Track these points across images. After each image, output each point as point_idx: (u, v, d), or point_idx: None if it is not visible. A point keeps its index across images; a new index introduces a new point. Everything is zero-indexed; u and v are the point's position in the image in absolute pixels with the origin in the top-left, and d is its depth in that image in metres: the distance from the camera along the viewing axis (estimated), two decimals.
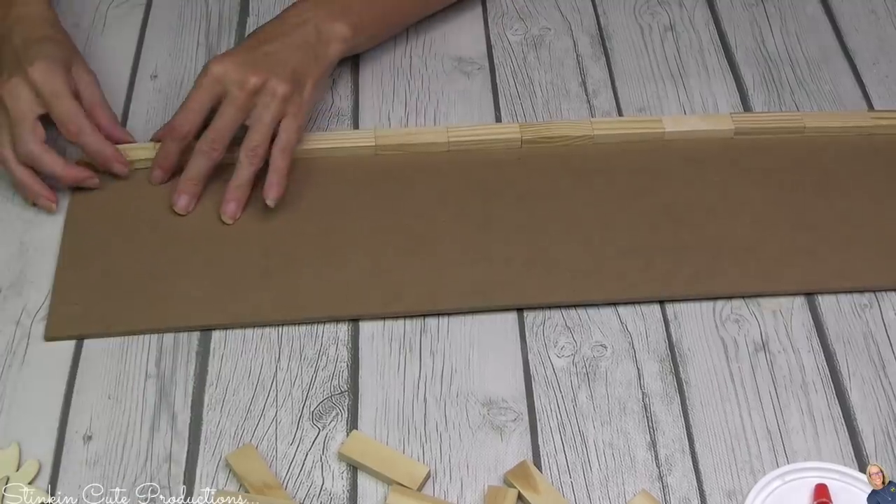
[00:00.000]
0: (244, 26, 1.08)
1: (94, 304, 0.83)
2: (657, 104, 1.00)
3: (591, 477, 0.75)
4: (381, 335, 0.83)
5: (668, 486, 0.74)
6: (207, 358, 0.81)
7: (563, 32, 1.08)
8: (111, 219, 0.89)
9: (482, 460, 0.76)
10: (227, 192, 0.88)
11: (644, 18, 1.09)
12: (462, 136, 0.94)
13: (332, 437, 0.77)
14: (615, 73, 1.03)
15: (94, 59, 1.04)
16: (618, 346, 0.82)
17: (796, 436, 0.77)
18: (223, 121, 0.88)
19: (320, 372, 0.80)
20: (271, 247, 0.87)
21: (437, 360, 0.81)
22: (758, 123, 0.96)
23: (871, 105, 1.00)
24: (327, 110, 0.99)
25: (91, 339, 0.82)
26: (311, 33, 0.93)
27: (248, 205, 0.89)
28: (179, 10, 1.09)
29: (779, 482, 0.74)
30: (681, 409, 0.78)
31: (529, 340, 0.82)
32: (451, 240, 0.88)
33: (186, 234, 0.88)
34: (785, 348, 0.82)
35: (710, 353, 0.82)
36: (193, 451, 0.76)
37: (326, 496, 0.74)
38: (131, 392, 0.79)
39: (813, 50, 1.06)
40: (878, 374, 0.81)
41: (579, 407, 0.79)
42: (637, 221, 0.89)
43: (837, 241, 0.88)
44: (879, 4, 1.11)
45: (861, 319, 0.84)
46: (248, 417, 0.78)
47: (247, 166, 0.88)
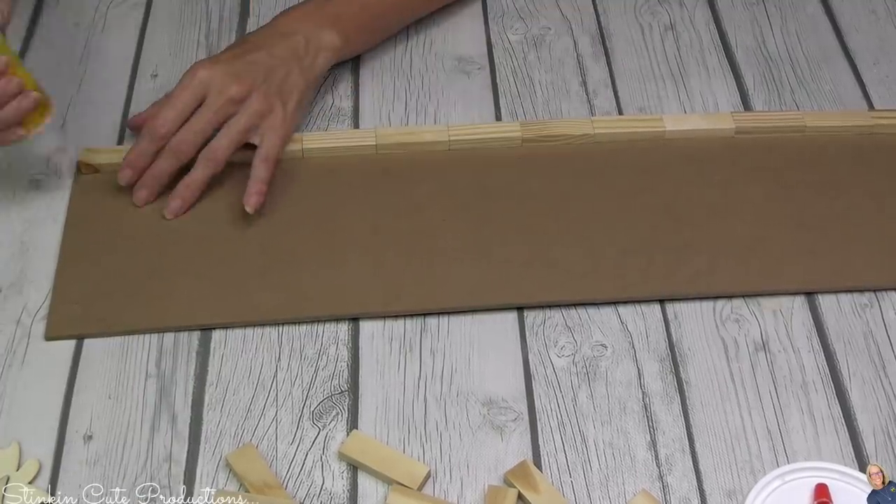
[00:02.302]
0: (244, 26, 1.08)
1: (95, 303, 0.83)
2: (657, 104, 1.00)
3: (591, 476, 0.75)
4: (381, 335, 0.83)
5: (669, 486, 0.74)
6: (208, 358, 0.81)
7: (564, 32, 1.08)
8: (111, 218, 0.89)
9: (482, 460, 0.76)
10: (175, 188, 0.88)
11: (644, 18, 1.09)
12: (463, 135, 0.95)
13: (332, 437, 0.77)
14: (615, 72, 1.03)
15: (94, 59, 1.04)
16: (618, 346, 0.82)
17: (796, 436, 0.77)
18: (197, 123, 0.87)
19: (320, 371, 0.80)
20: (271, 246, 0.87)
21: (438, 360, 0.81)
22: (758, 122, 0.96)
23: (872, 105, 1.00)
24: (327, 110, 0.99)
25: (91, 338, 0.82)
26: (300, 43, 0.93)
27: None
28: (179, 11, 1.09)
29: (779, 482, 0.74)
30: (681, 409, 0.78)
31: (529, 340, 0.82)
32: (451, 238, 0.88)
33: (186, 233, 0.88)
34: (785, 348, 0.82)
35: (710, 353, 0.82)
36: (193, 450, 0.76)
37: (326, 496, 0.74)
38: (131, 392, 0.79)
39: (813, 50, 1.06)
40: (878, 374, 0.81)
41: (579, 407, 0.79)
42: (637, 220, 0.89)
43: (837, 239, 0.88)
44: (879, 4, 1.11)
45: (861, 319, 0.84)
46: (248, 417, 0.78)
47: (201, 168, 0.88)
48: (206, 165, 0.88)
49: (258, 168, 0.88)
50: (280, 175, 0.91)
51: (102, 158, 0.92)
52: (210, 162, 0.88)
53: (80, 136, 0.96)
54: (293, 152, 0.93)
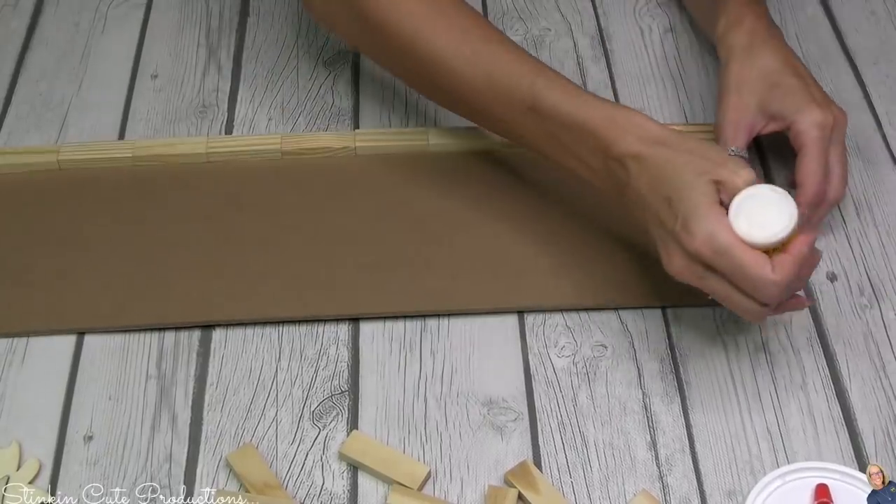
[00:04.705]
0: (244, 26, 1.08)
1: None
2: (657, 105, 1.00)
3: (591, 477, 0.75)
4: (381, 335, 0.83)
5: (669, 486, 0.74)
6: (208, 358, 0.81)
7: (564, 33, 1.08)
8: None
9: (482, 460, 0.76)
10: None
11: (644, 20, 1.09)
12: (221, 148, 0.93)
13: (332, 437, 0.77)
14: (615, 74, 1.03)
15: (94, 59, 1.04)
16: (618, 346, 0.82)
17: (796, 436, 0.77)
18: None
19: (321, 372, 0.80)
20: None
21: (438, 360, 0.81)
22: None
23: (872, 105, 1.00)
24: (327, 110, 0.99)
25: (91, 336, 0.82)
26: None
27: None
28: (179, 10, 1.09)
29: (779, 482, 0.74)
30: (681, 409, 0.78)
31: (530, 340, 0.82)
32: (184, 252, 0.86)
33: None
34: (785, 348, 0.82)
35: (710, 353, 0.82)
36: (194, 451, 0.76)
37: (327, 496, 0.74)
38: (132, 392, 0.79)
39: (813, 50, 1.06)
40: (878, 374, 0.81)
41: (579, 407, 0.79)
42: (386, 235, 0.87)
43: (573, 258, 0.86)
44: (879, 5, 1.11)
45: (861, 319, 0.84)
46: (248, 417, 0.78)
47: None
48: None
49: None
50: (34, 189, 0.90)
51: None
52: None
53: (80, 136, 0.97)
54: (47, 164, 0.92)
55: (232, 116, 0.99)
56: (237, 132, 0.97)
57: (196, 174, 0.92)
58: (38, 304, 0.83)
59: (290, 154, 0.93)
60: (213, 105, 1.00)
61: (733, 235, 0.71)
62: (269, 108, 1.00)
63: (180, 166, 0.93)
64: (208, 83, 1.02)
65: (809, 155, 0.85)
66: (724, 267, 0.71)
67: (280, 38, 1.06)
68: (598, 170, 0.78)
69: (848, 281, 0.87)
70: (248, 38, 1.06)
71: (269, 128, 0.98)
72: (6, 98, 1.00)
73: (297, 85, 1.02)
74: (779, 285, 0.70)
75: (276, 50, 1.05)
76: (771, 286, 0.70)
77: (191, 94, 1.01)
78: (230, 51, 1.05)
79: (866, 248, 0.89)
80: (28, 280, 0.84)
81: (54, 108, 0.99)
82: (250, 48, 1.05)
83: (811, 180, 0.84)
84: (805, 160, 0.85)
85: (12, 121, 0.98)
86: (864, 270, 0.87)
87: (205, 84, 1.02)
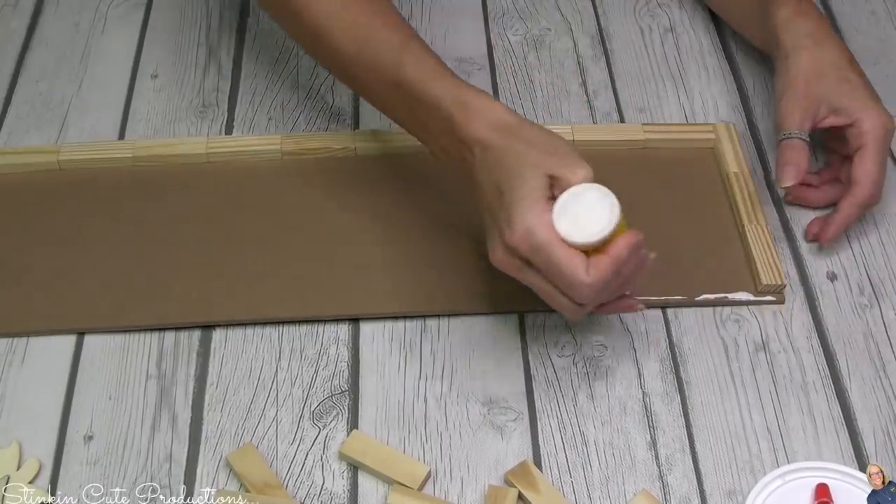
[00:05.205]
0: (244, 26, 1.08)
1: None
2: (657, 105, 1.00)
3: (591, 476, 0.75)
4: (381, 335, 0.83)
5: (669, 486, 0.74)
6: (208, 358, 0.81)
7: (564, 33, 1.08)
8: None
9: (482, 460, 0.76)
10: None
11: (644, 20, 1.09)
12: (222, 148, 0.93)
13: (332, 437, 0.77)
14: (615, 73, 1.03)
15: (94, 59, 1.04)
16: (618, 346, 0.82)
17: (796, 436, 0.77)
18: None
19: (321, 371, 0.80)
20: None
21: (438, 360, 0.81)
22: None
23: None
24: (327, 110, 0.99)
25: (91, 336, 0.82)
26: None
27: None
28: (179, 10, 1.09)
29: (779, 482, 0.74)
30: (681, 409, 0.78)
31: (530, 340, 0.82)
32: (184, 252, 0.86)
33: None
34: (785, 348, 0.82)
35: (710, 353, 0.82)
36: (194, 450, 0.76)
37: (327, 496, 0.74)
38: (132, 392, 0.79)
39: None
40: (878, 374, 0.81)
41: (579, 406, 0.79)
42: (386, 235, 0.87)
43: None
44: (879, 5, 1.11)
45: (861, 319, 0.84)
46: (248, 417, 0.78)
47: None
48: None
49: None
50: (34, 189, 0.90)
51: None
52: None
53: (80, 136, 0.97)
54: (47, 164, 0.92)
55: (232, 116, 0.99)
56: (237, 132, 0.97)
57: (196, 174, 0.92)
58: (38, 304, 0.83)
59: (290, 154, 0.93)
60: (213, 105, 1.00)
61: (552, 233, 0.70)
62: (269, 108, 1.00)
63: (180, 166, 0.93)
64: (208, 83, 1.02)
65: (869, 155, 0.85)
66: (540, 264, 0.71)
67: (280, 37, 1.06)
68: (450, 151, 0.77)
69: (848, 280, 0.87)
70: (248, 38, 1.06)
71: (269, 128, 0.98)
72: (6, 98, 1.00)
73: (297, 85, 1.02)
74: (591, 286, 0.70)
75: (276, 50, 1.05)
76: (583, 287, 0.70)
77: (191, 94, 1.01)
78: (230, 51, 1.05)
79: (866, 248, 0.89)
80: (28, 280, 0.84)
81: (54, 108, 0.99)
82: (250, 48, 1.05)
83: (868, 180, 0.85)
84: (865, 159, 0.85)
85: (12, 121, 0.98)
86: (864, 270, 0.87)
87: (205, 84, 1.02)
